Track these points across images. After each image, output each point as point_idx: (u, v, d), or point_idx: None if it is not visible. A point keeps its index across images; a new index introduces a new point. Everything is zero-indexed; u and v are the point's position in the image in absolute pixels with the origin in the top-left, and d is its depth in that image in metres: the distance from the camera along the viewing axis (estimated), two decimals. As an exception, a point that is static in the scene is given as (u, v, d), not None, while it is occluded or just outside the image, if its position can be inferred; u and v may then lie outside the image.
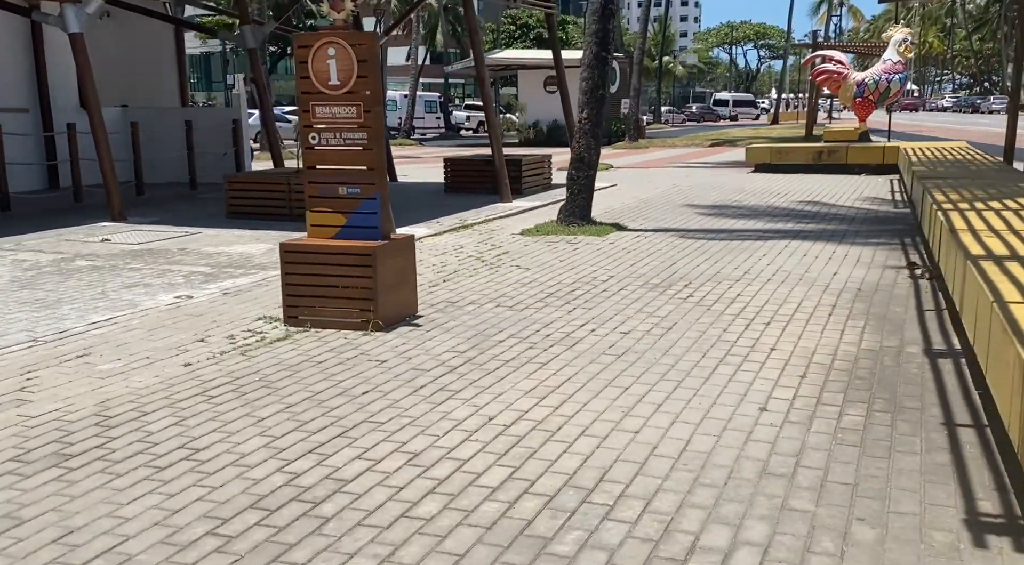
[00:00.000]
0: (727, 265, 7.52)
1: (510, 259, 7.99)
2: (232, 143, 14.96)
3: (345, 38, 5.48)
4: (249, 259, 8.08)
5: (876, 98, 20.09)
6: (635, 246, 8.62)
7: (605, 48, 9.32)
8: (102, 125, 10.38)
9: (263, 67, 14.75)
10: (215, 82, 71.16)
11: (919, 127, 40.57)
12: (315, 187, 5.75)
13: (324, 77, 5.56)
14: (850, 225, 9.86)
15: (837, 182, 14.92)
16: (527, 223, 10.44)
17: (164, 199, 13.03)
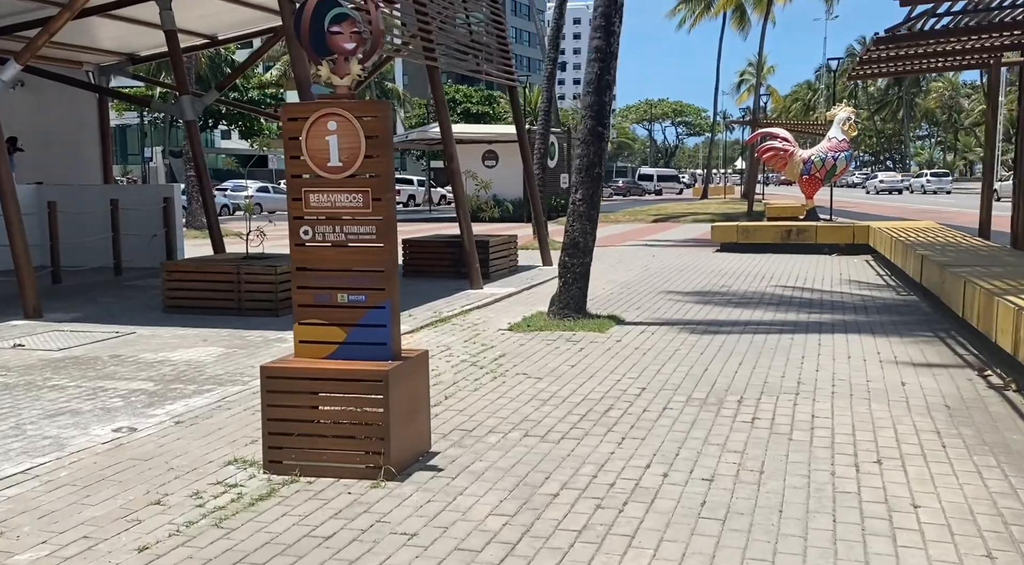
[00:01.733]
0: (768, 370, 6.53)
1: (511, 364, 6.84)
2: (163, 223, 13.52)
3: (350, 109, 4.36)
4: (200, 369, 6.72)
5: (823, 175, 19.99)
6: (647, 345, 7.59)
7: (602, 122, 8.45)
8: (15, 203, 8.93)
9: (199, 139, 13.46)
10: (131, 155, 68.75)
11: (853, 204, 41.37)
12: (306, 294, 4.54)
13: (322, 157, 4.41)
14: (866, 315, 9.07)
15: (811, 263, 14.33)
16: (511, 315, 9.33)
17: (86, 288, 11.48)
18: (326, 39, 4.34)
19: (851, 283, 11.74)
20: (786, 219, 23.71)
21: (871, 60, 11.70)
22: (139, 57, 15.49)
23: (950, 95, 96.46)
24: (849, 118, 20.25)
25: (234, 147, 67.92)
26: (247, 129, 52.37)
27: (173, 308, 9.34)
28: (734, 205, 39.79)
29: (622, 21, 8.47)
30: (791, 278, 12.36)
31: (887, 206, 39.64)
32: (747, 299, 10.36)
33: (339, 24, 4.32)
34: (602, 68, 8.35)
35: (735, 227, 16.82)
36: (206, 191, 12.95)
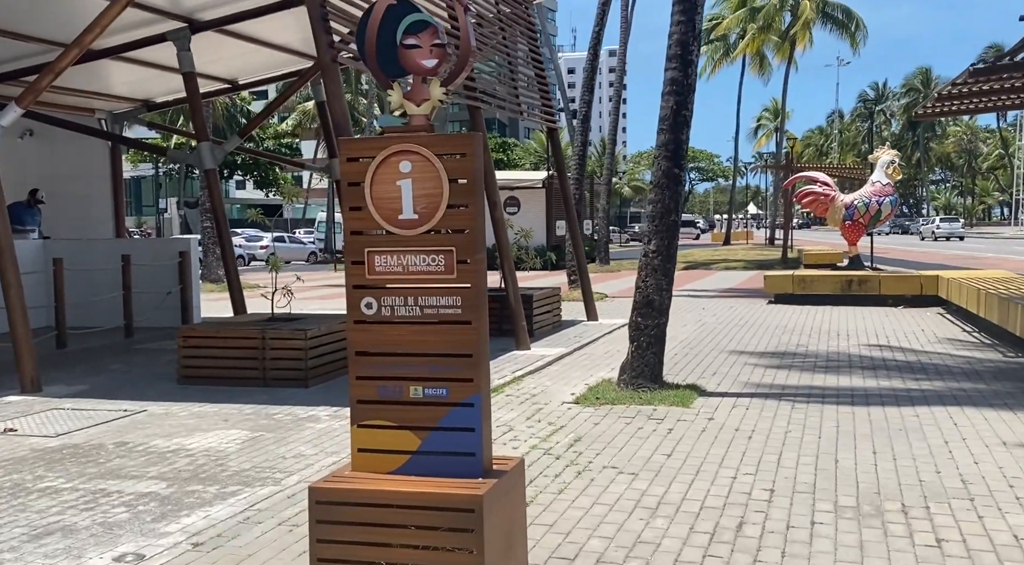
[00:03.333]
0: (915, 462, 5.36)
1: (593, 453, 5.70)
2: (179, 279, 12.52)
3: (429, 144, 3.32)
4: (221, 462, 5.60)
5: (867, 221, 18.91)
6: (747, 424, 6.43)
7: (678, 164, 7.41)
8: (14, 266, 7.93)
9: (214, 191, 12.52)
10: (146, 206, 68.47)
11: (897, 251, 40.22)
12: (368, 386, 3.45)
13: (392, 208, 3.36)
14: (984, 383, 7.89)
15: (880, 317, 13.17)
16: (571, 382, 8.21)
17: (94, 354, 10.43)
18: (399, 55, 3.31)
19: (941, 341, 10.57)
20: (825, 266, 22.71)
21: (953, 96, 10.69)
22: (154, 103, 14.66)
23: (968, 139, 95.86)
24: (893, 161, 19.23)
25: (249, 197, 67.65)
26: (263, 179, 51.91)
27: (189, 379, 8.26)
28: (762, 251, 38.72)
29: (700, 49, 7.49)
30: (869, 335, 11.19)
31: (917, 252, 38.53)
32: (834, 362, 9.20)
33: (416, 35, 3.30)
34: (679, 102, 7.35)
35: (790, 277, 15.69)
36: (226, 243, 11.96)
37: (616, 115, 27.31)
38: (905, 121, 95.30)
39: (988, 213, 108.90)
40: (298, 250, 40.82)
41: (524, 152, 72.28)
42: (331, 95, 7.24)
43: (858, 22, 47.19)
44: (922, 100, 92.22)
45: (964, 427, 6.20)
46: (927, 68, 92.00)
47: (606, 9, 19.03)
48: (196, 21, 11.05)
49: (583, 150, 17.69)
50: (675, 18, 7.36)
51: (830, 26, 47.11)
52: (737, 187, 79.22)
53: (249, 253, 37.25)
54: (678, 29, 7.35)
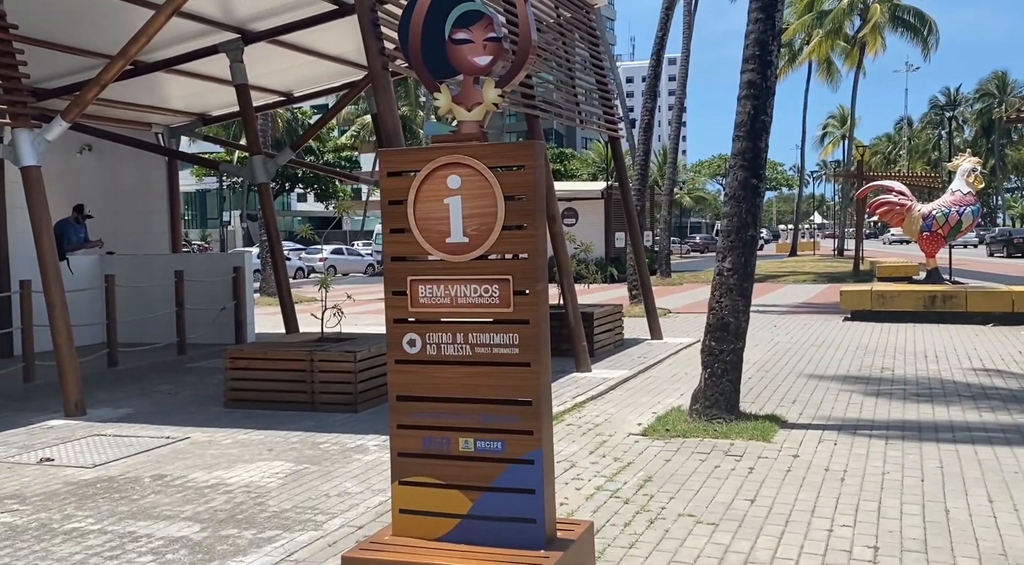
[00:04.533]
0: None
1: (666, 496, 5.12)
2: (232, 295, 12.30)
3: (482, 155, 2.84)
4: (261, 500, 5.18)
5: (946, 232, 17.86)
6: (837, 463, 5.78)
7: (756, 173, 6.80)
8: (58, 284, 7.69)
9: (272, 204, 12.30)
10: (211, 219, 69.78)
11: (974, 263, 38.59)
12: (411, 436, 2.97)
13: (438, 229, 2.89)
14: (1102, 415, 7.09)
15: (970, 336, 12.27)
16: (637, 410, 7.65)
17: (143, 373, 10.21)
18: (447, 51, 2.84)
19: (1044, 365, 9.71)
20: (901, 280, 21.63)
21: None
22: (210, 117, 14.56)
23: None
24: (975, 169, 18.17)
25: (310, 209, 68.39)
26: (323, 192, 52.36)
27: (236, 402, 7.92)
28: (831, 263, 37.45)
29: (779, 50, 6.89)
30: (961, 357, 10.36)
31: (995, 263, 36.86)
32: (925, 388, 8.44)
33: (467, 28, 2.82)
34: (756, 107, 6.75)
35: (868, 292, 14.82)
36: (278, 261, 11.70)
37: (677, 124, 26.62)
38: (979, 127, 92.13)
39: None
40: (356, 262, 40.97)
41: (581, 163, 71.72)
42: (382, 105, 6.84)
43: (931, 25, 45.54)
44: (998, 105, 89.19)
45: (1093, 471, 5.45)
46: (1003, 72, 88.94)
47: (670, 14, 18.46)
48: (249, 32, 10.83)
49: (645, 159, 17.09)
50: (752, 15, 6.78)
51: (901, 30, 45.57)
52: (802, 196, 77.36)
53: (309, 265, 37.42)
54: (756, 27, 6.76)
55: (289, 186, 51.07)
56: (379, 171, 3.05)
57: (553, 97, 10.88)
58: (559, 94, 10.97)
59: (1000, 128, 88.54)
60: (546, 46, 10.58)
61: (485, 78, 2.86)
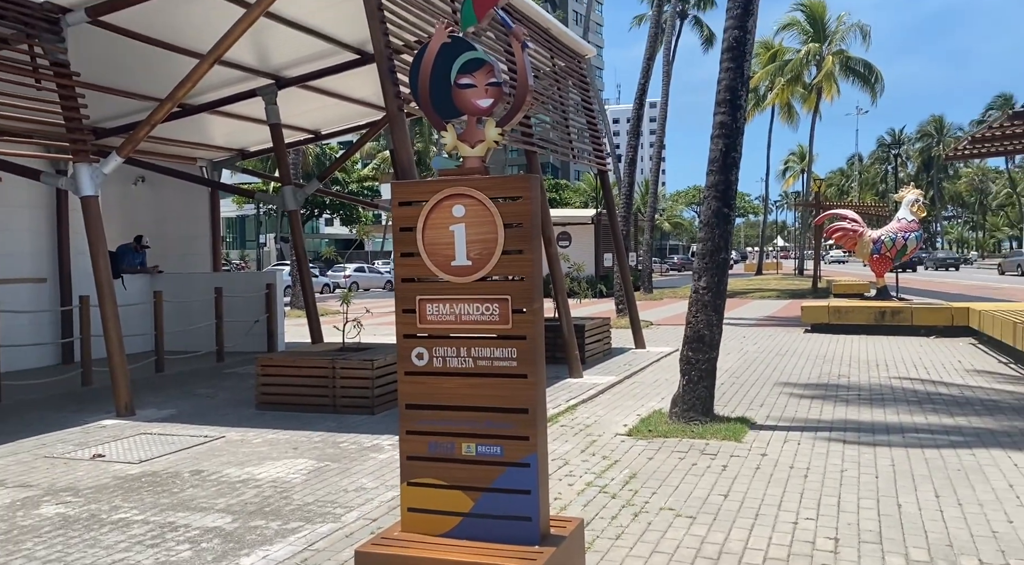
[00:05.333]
0: (982, 509, 4.55)
1: (648, 491, 5.01)
2: (265, 309, 12.20)
3: (484, 188, 2.76)
4: (286, 494, 5.07)
5: (893, 255, 17.77)
6: (800, 461, 5.67)
7: (728, 203, 6.73)
8: (112, 300, 7.60)
9: (301, 229, 12.24)
10: (248, 241, 69.73)
11: (919, 282, 38.44)
12: (418, 441, 2.88)
13: (444, 254, 2.80)
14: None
15: (916, 347, 12.15)
16: (623, 412, 7.53)
17: (186, 378, 10.10)
18: (452, 94, 2.77)
19: (981, 373, 9.58)
20: (854, 296, 21.51)
21: (987, 139, 9.78)
22: (249, 152, 14.52)
23: (980, 179, 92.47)
24: (917, 200, 18.10)
25: (336, 232, 68.38)
26: (347, 217, 52.38)
27: (267, 404, 7.81)
28: (793, 281, 37.33)
29: (748, 95, 6.84)
30: (908, 366, 10.24)
31: (937, 282, 36.70)
32: (878, 394, 8.33)
33: (471, 74, 2.75)
34: (727, 145, 6.69)
35: (826, 307, 14.70)
36: (306, 279, 11.61)
37: (658, 158, 26.60)
38: (920, 163, 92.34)
39: (998, 246, 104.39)
40: (376, 279, 40.94)
41: (574, 192, 71.80)
42: (397, 143, 6.77)
43: (878, 75, 45.57)
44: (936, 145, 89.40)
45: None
46: (940, 116, 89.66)
47: (651, 64, 18.50)
48: (282, 78, 10.80)
49: (630, 190, 17.04)
50: (724, 65, 6.73)
51: (852, 78, 45.63)
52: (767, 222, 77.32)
53: (334, 281, 37.38)
54: (727, 75, 6.70)
55: (318, 212, 51.07)
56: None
57: (549, 135, 10.83)
58: (554, 133, 10.92)
59: (938, 164, 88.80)
60: (543, 91, 10.55)
61: (487, 118, 2.80)
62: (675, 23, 33.99)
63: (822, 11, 43.34)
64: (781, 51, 44.62)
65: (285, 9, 8.75)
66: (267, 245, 57.93)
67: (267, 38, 9.57)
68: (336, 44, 9.94)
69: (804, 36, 43.67)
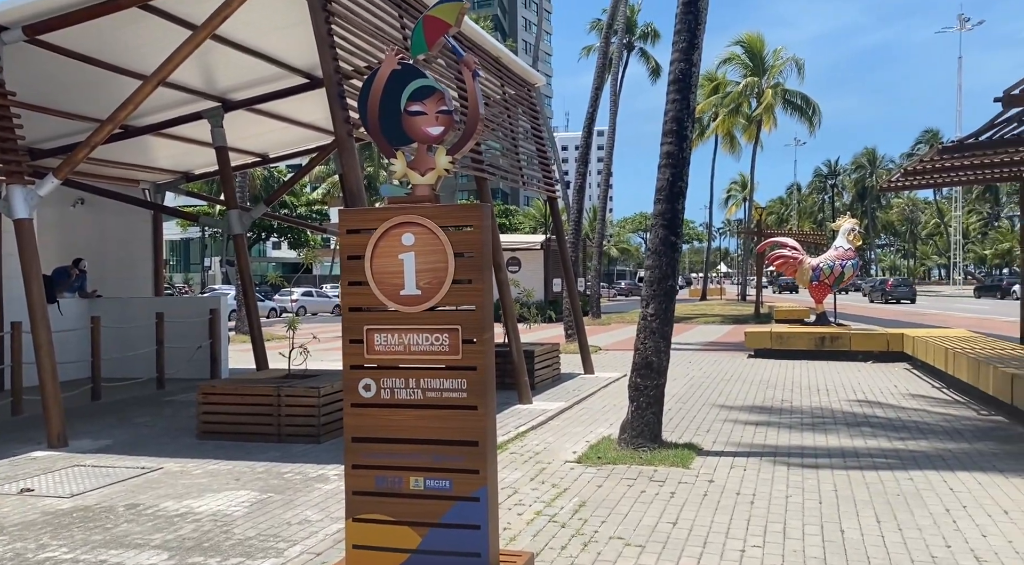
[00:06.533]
0: (921, 533, 4.63)
1: (598, 521, 4.97)
2: (209, 335, 11.86)
3: (434, 216, 2.71)
4: (227, 528, 4.87)
5: (831, 282, 18.30)
6: (747, 488, 5.70)
7: (675, 231, 6.82)
8: (45, 326, 7.27)
9: (247, 253, 11.97)
10: (193, 264, 68.02)
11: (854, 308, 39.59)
12: (364, 476, 2.78)
13: (393, 283, 2.74)
14: (967, 442, 7.17)
15: (854, 372, 12.46)
16: (572, 438, 7.49)
17: (124, 406, 9.71)
18: (403, 122, 2.73)
19: (916, 398, 9.85)
20: (795, 321, 21.99)
21: (919, 172, 10.16)
22: (193, 175, 14.20)
23: (910, 209, 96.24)
24: (853, 229, 18.70)
25: (283, 256, 67.28)
26: (295, 240, 51.64)
27: (208, 434, 7.54)
28: (736, 307, 38.04)
29: (693, 125, 6.97)
30: (847, 390, 10.48)
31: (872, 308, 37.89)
32: (820, 418, 8.48)
33: (421, 101, 2.72)
34: (674, 174, 6.79)
35: (769, 333, 14.99)
36: (251, 304, 11.33)
37: (605, 186, 26.96)
38: (855, 193, 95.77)
39: (928, 274, 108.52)
40: (324, 303, 40.24)
41: (525, 217, 72.25)
42: (347, 168, 6.69)
43: (815, 108, 47.20)
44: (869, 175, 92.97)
45: (961, 493, 5.46)
46: (873, 148, 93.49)
47: (599, 93, 18.81)
48: (229, 101, 10.61)
49: (579, 216, 17.20)
50: (671, 96, 6.85)
51: (790, 111, 47.17)
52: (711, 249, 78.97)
53: (281, 306, 36.65)
54: (674, 107, 6.82)
55: (265, 235, 50.22)
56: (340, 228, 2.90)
57: (500, 162, 10.86)
58: (504, 159, 10.96)
59: (872, 195, 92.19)
60: (493, 118, 10.59)
61: (437, 146, 2.76)
62: (622, 55, 34.71)
63: (760, 46, 44.78)
64: (723, 83, 45.87)
65: (233, 32, 8.62)
66: (212, 268, 56.60)
67: (214, 60, 9.40)
68: (285, 68, 9.82)
69: (744, 70, 45.01)
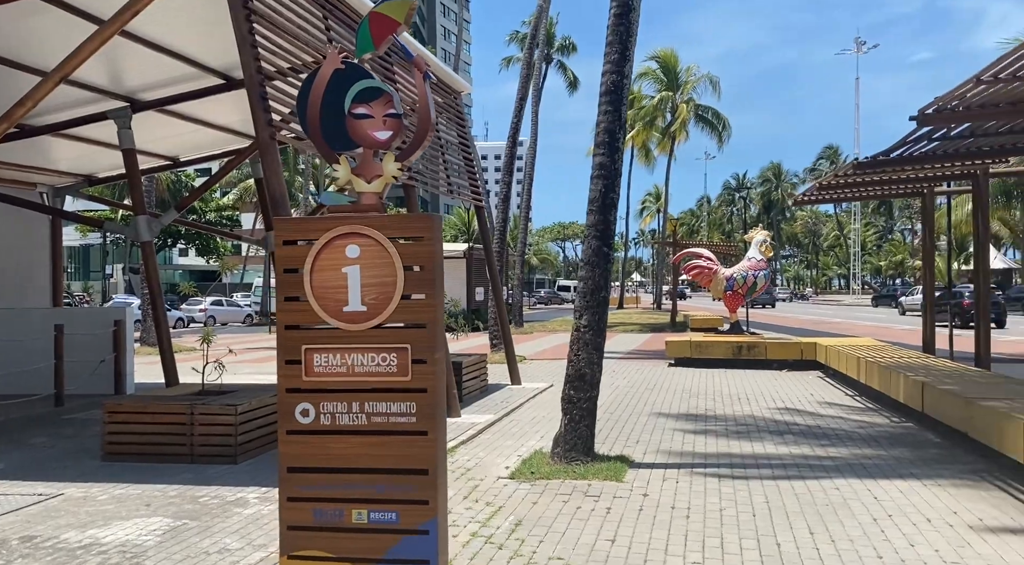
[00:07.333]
0: (852, 544, 4.70)
1: (535, 540, 4.82)
2: (113, 348, 11.12)
3: (382, 226, 2.51)
4: (137, 560, 4.47)
5: (744, 291, 18.87)
6: (681, 501, 5.68)
7: (607, 243, 6.78)
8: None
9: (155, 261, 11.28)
10: (93, 271, 64.44)
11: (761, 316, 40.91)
12: (302, 509, 2.55)
13: (336, 298, 2.53)
14: (883, 448, 7.41)
15: (771, 380, 12.80)
16: (503, 453, 7.34)
17: (20, 425, 8.96)
18: (347, 125, 2.52)
19: (831, 405, 10.16)
20: (710, 330, 22.57)
21: (831, 186, 10.54)
22: (97, 178, 13.35)
23: (813, 222, 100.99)
24: (765, 240, 19.35)
25: (192, 263, 64.70)
26: (204, 247, 49.66)
27: (115, 455, 7.01)
28: (652, 315, 38.82)
29: (625, 137, 6.96)
30: (768, 399, 10.72)
31: (779, 316, 39.40)
32: (744, 426, 8.62)
33: (367, 104, 2.52)
34: (606, 186, 6.75)
35: (688, 343, 15.26)
36: (160, 315, 10.69)
37: (527, 196, 27.04)
38: (761, 206, 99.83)
39: (829, 283, 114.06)
40: (235, 313, 38.75)
41: (446, 226, 71.90)
42: (269, 172, 6.35)
43: (725, 123, 48.90)
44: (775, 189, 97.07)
45: (885, 502, 5.59)
46: (778, 163, 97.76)
47: (523, 104, 18.87)
48: (138, 101, 10.02)
49: (504, 226, 17.14)
50: (603, 108, 6.82)
51: (702, 126, 48.69)
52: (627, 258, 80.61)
53: (189, 316, 35.07)
54: (606, 118, 6.80)
55: (172, 241, 48.09)
56: (272, 238, 2.66)
57: (428, 170, 10.65)
58: (433, 167, 10.75)
59: (778, 207, 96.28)
60: (419, 126, 10.39)
61: (385, 152, 2.57)
62: (541, 67, 35.00)
63: (674, 62, 46.08)
64: (639, 97, 46.92)
65: (144, 28, 8.12)
66: (114, 276, 53.76)
67: (122, 58, 8.83)
68: (200, 68, 9.33)
69: (659, 84, 46.20)
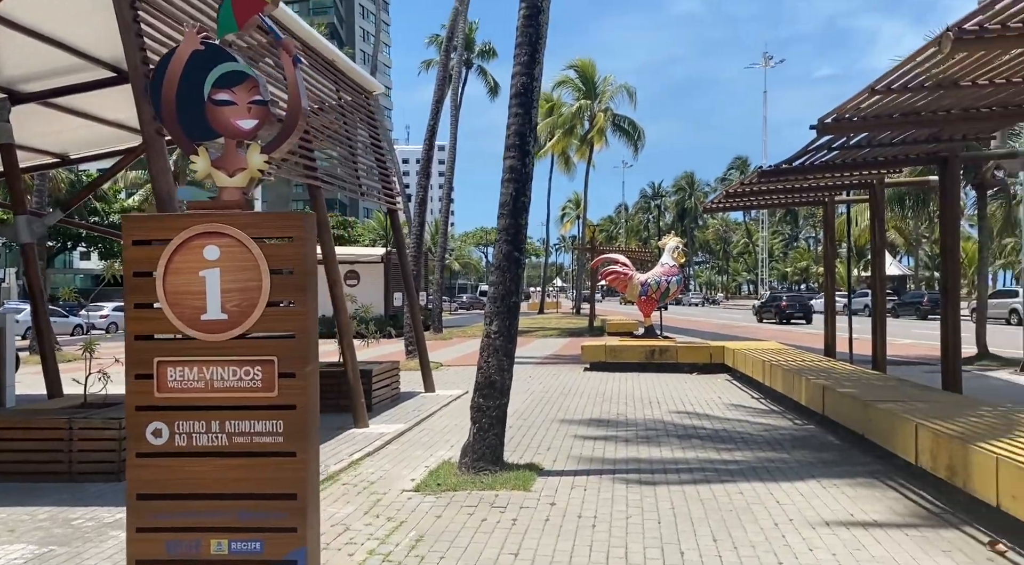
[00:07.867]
0: (754, 550, 4.68)
1: (435, 556, 4.61)
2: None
3: (245, 224, 2.26)
4: (-10, 597, 4.03)
5: (658, 296, 19.19)
6: (587, 510, 5.57)
7: (518, 247, 6.64)
8: None
9: (40, 264, 10.51)
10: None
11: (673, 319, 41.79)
12: (152, 540, 2.26)
13: (192, 305, 2.26)
14: (785, 451, 7.52)
15: (681, 383, 12.97)
16: (411, 465, 7.09)
17: None
18: (207, 112, 2.26)
19: (737, 408, 10.33)
20: (625, 334, 22.88)
21: (738, 194, 10.75)
22: (-25, 175, 12.33)
23: (724, 230, 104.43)
24: (678, 247, 19.70)
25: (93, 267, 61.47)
26: (107, 250, 47.20)
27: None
28: (571, 320, 39.13)
29: (535, 141, 6.85)
30: (676, 402, 10.82)
31: (691, 320, 40.40)
32: (652, 430, 8.63)
33: (230, 89, 2.27)
34: (517, 189, 6.62)
35: (603, 347, 15.34)
36: (42, 322, 9.93)
37: (447, 200, 26.80)
38: (676, 214, 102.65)
39: (739, 289, 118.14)
40: (141, 319, 36.89)
41: (365, 230, 70.66)
42: (156, 171, 5.91)
43: (640, 132, 49.93)
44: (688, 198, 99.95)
45: (787, 506, 5.63)
46: (691, 172, 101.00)
47: (439, 106, 18.65)
48: (18, 93, 9.28)
49: (420, 230, 16.86)
50: (513, 110, 6.69)
51: (619, 134, 49.56)
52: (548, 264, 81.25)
53: (88, 322, 33.17)
54: (516, 121, 6.67)
55: (72, 244, 45.51)
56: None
57: (337, 171, 10.28)
58: (342, 168, 10.39)
59: (691, 215, 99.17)
60: (328, 125, 10.02)
61: (250, 143, 2.32)
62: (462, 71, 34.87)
63: (592, 71, 46.73)
64: (558, 105, 47.36)
65: (19, 14, 7.50)
66: (7, 281, 50.49)
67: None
68: (87, 59, 8.70)
69: (577, 93, 46.76)
